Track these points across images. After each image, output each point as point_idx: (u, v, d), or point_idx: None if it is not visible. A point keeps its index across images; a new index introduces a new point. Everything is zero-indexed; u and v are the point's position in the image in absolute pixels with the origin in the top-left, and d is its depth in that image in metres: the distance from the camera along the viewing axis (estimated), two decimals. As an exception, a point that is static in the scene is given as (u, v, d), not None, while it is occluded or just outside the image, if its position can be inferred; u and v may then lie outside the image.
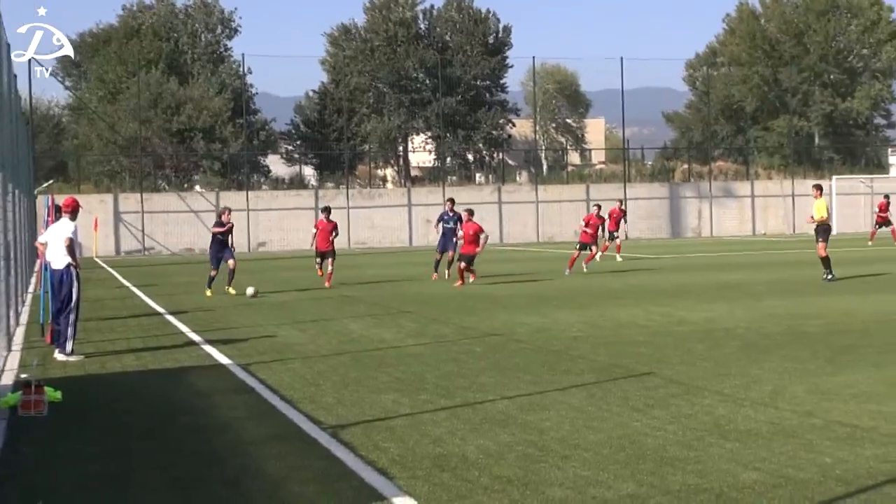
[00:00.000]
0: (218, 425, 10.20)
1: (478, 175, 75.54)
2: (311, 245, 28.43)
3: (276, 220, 57.92)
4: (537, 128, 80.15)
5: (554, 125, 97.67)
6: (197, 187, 64.93)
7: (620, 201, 40.69)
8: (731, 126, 79.36)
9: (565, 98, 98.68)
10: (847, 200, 62.95)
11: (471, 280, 26.99)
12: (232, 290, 24.95)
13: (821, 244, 26.11)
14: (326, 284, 26.82)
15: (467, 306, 21.39)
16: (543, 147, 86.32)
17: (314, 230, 28.14)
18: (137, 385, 12.74)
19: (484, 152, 75.55)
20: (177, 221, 57.69)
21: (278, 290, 26.47)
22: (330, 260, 27.16)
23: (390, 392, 11.53)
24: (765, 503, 7.06)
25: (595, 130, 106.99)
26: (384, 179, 76.15)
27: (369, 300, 23.55)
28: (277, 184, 68.37)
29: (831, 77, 76.81)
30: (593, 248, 31.01)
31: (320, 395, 11.47)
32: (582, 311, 19.89)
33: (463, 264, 26.80)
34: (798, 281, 26.13)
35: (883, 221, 46.74)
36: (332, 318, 19.65)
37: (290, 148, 76.35)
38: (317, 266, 27.93)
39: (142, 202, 57.51)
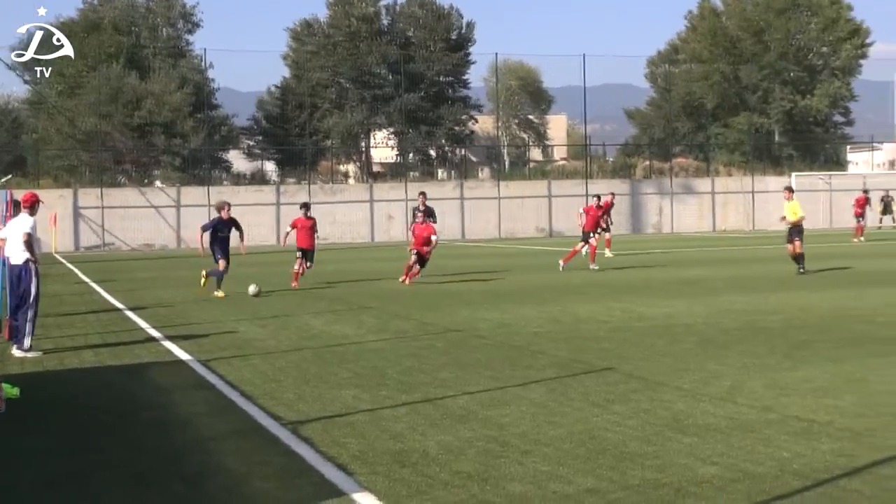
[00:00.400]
0: (178, 421, 10.17)
1: (440, 171, 75.54)
2: (283, 243, 27.22)
3: (236, 216, 57.50)
4: (499, 124, 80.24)
5: (516, 121, 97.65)
6: (157, 182, 64.57)
7: (612, 194, 39.95)
8: (692, 123, 79.75)
9: (527, 94, 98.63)
10: (806, 197, 63.39)
11: (405, 281, 25.88)
12: (220, 294, 23.76)
13: (796, 242, 26.88)
14: (293, 284, 25.83)
15: (429, 302, 21.40)
16: (505, 143, 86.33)
17: (289, 229, 26.99)
18: (96, 381, 12.67)
19: (446, 148, 75.50)
20: (136, 217, 57.45)
21: (239, 286, 26.27)
22: (309, 261, 26.34)
23: (351, 388, 11.52)
24: (723, 497, 7.11)
25: (557, 127, 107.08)
26: (346, 175, 75.95)
27: (330, 296, 23.50)
28: (238, 179, 68.06)
29: (791, 74, 77.29)
30: (592, 240, 30.34)
31: (280, 390, 11.45)
32: (543, 306, 19.95)
33: (418, 267, 26.00)
34: (756, 277, 26.35)
35: (859, 216, 47.46)
36: (293, 314, 19.60)
37: (251, 143, 76.00)
38: (297, 263, 26.31)
39: (101, 197, 57.16)
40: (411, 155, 72.85)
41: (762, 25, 77.04)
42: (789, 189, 28.93)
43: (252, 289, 23.70)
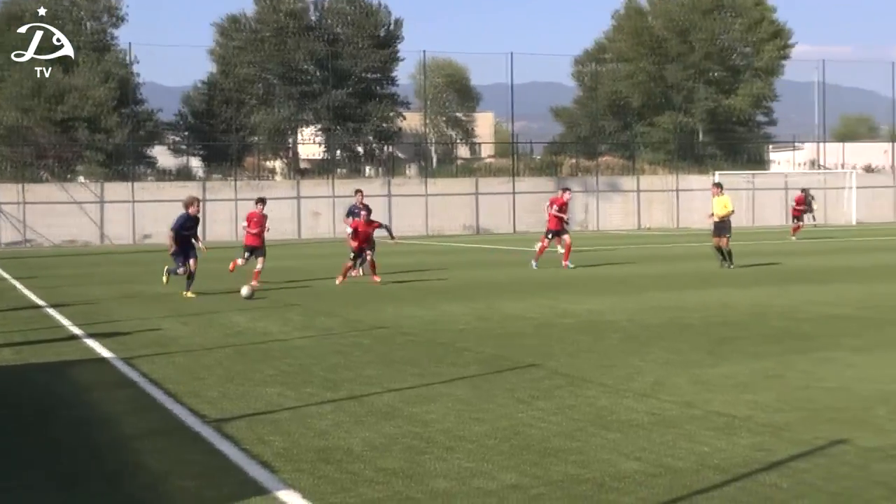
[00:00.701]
0: (99, 420, 10.05)
1: (367, 168, 75.39)
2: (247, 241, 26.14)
3: (161, 212, 56.76)
4: (427, 121, 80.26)
5: (443, 119, 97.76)
6: (80, 178, 63.70)
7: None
8: (618, 121, 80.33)
9: (455, 92, 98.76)
10: (728, 195, 64.23)
11: (341, 281, 25.13)
12: (190, 294, 22.53)
13: (724, 238, 27.39)
14: (254, 283, 24.21)
15: (355, 299, 21.36)
16: (433, 140, 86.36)
17: (245, 223, 26.31)
18: (16, 380, 12.47)
19: (373, 145, 75.40)
20: (59, 213, 56.69)
21: (161, 283, 25.84)
22: (261, 258, 25.63)
23: (275, 385, 11.47)
24: (644, 492, 7.19)
25: (484, 124, 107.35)
26: (273, 171, 75.56)
27: (256, 293, 23.28)
28: (163, 175, 67.37)
29: (715, 74, 78.23)
30: (566, 237, 29.38)
31: (204, 388, 11.35)
32: (470, 303, 20.00)
33: (360, 262, 25.54)
34: (680, 274, 26.64)
35: (798, 215, 47.70)
36: (218, 311, 19.45)
37: (176, 139, 75.27)
38: (241, 260, 25.97)
39: (23, 193, 56.32)
40: (338, 152, 72.63)
41: (687, 25, 77.86)
42: (718, 185, 29.45)
43: (245, 290, 21.99)
